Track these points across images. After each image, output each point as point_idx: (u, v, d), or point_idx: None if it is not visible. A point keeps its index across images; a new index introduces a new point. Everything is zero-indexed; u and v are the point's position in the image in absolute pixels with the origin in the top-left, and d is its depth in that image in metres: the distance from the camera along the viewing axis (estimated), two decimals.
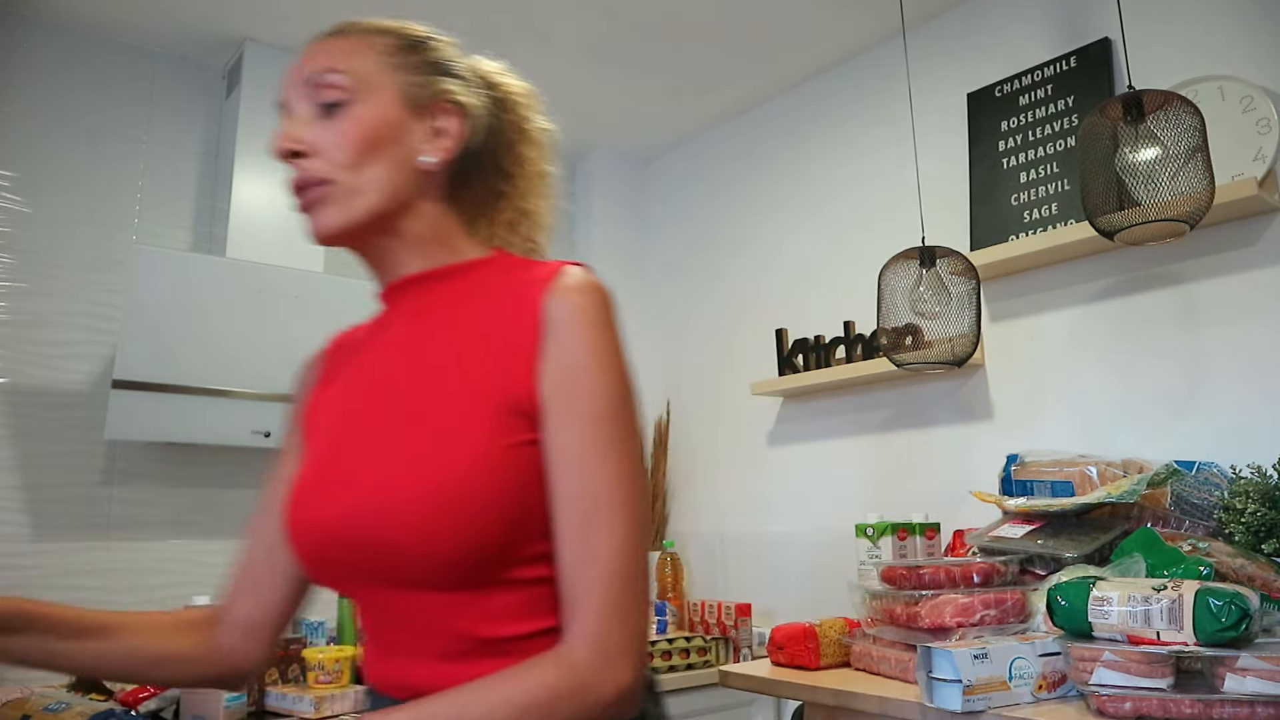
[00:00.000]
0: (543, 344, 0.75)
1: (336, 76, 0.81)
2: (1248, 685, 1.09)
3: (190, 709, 1.66)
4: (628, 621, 0.71)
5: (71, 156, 2.23)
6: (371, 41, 0.84)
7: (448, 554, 0.71)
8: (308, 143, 0.80)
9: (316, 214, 0.81)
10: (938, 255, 1.88)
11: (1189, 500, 1.59)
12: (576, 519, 0.72)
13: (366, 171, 0.80)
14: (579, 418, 0.74)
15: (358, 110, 0.80)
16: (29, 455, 2.09)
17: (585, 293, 0.77)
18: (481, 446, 0.73)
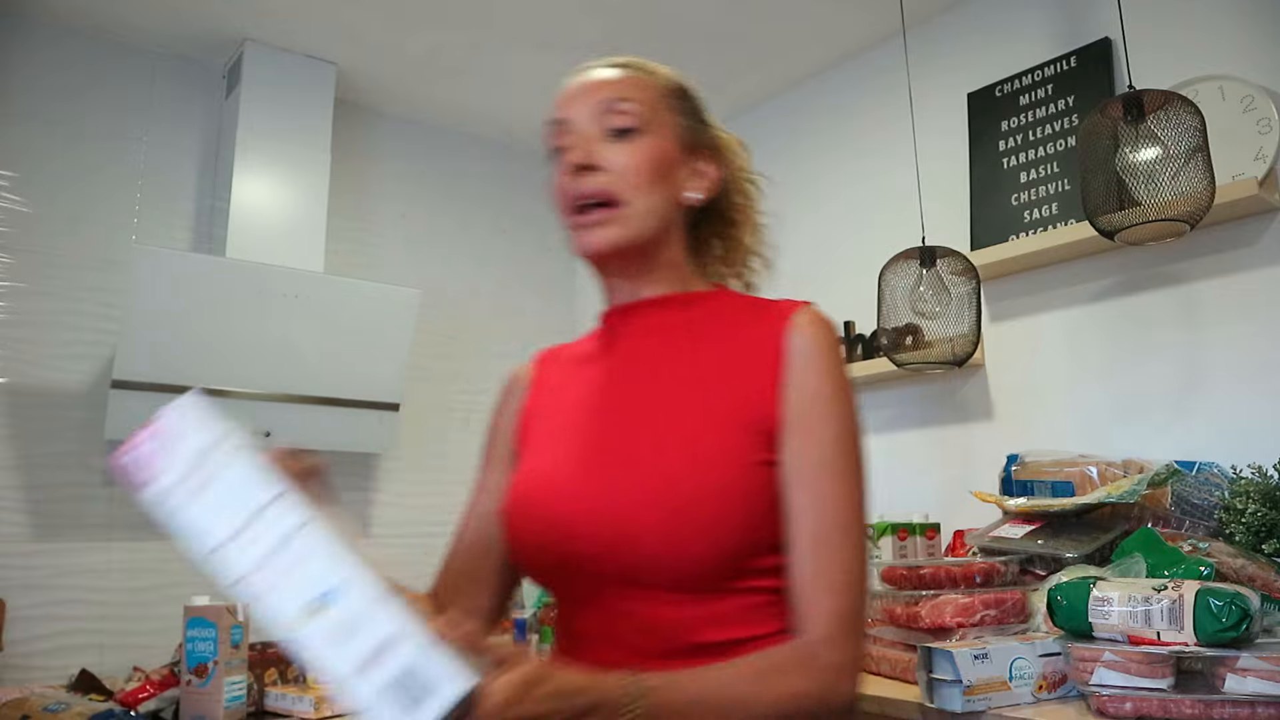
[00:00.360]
0: (785, 373, 0.83)
1: (630, 105, 0.88)
2: (1248, 685, 1.09)
3: (190, 709, 1.66)
4: (859, 635, 0.79)
5: (71, 156, 2.23)
6: (654, 81, 0.93)
7: (692, 560, 0.77)
8: (603, 159, 0.86)
9: (595, 230, 0.86)
10: (938, 255, 1.87)
11: (1189, 500, 1.59)
12: (815, 535, 0.79)
13: (649, 198, 0.87)
14: (819, 442, 0.81)
15: (648, 140, 0.88)
16: (29, 455, 2.09)
17: (823, 329, 0.85)
18: (733, 463, 0.80)
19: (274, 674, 1.81)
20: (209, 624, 1.65)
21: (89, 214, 2.24)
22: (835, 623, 0.77)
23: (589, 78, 0.91)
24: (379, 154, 2.74)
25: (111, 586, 2.14)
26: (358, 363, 2.26)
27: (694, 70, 1.07)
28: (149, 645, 2.13)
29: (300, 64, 2.40)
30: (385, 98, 2.69)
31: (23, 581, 2.03)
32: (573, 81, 0.92)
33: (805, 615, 0.78)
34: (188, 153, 2.40)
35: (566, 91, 0.92)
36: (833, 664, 0.76)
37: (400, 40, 2.37)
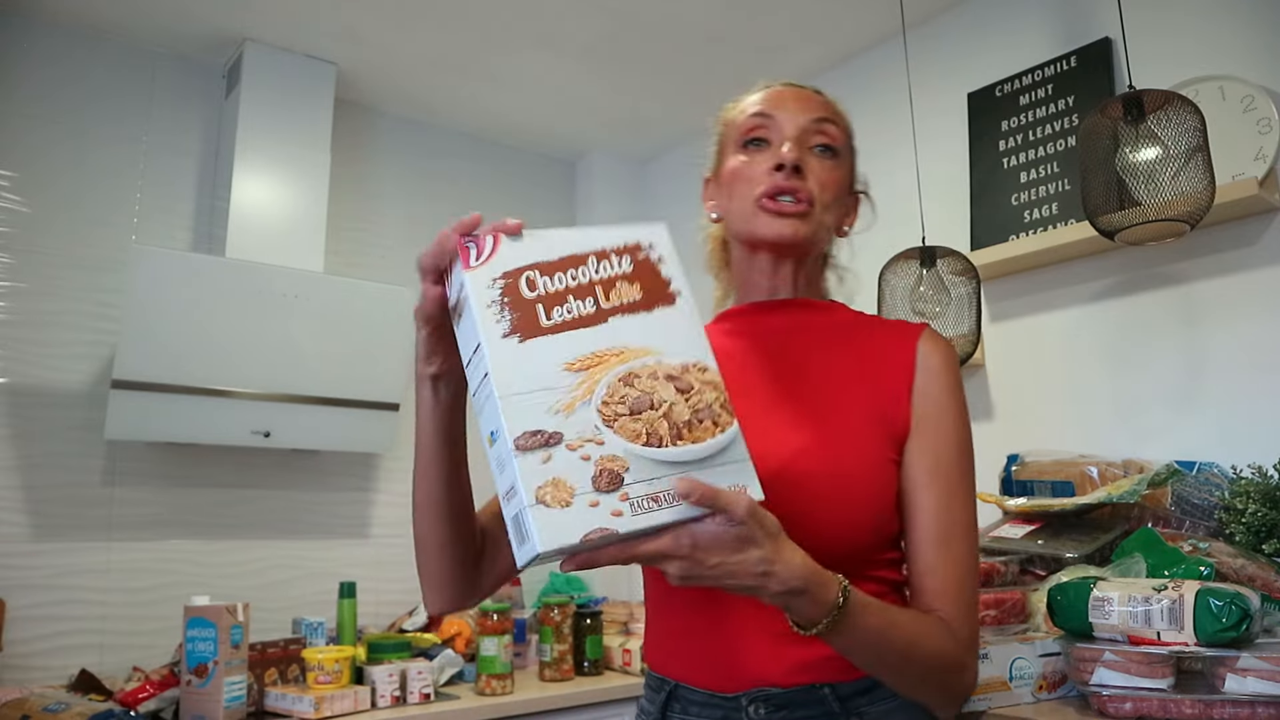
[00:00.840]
0: (914, 382, 0.92)
1: (836, 130, 0.98)
2: (1248, 685, 1.09)
3: (190, 709, 1.66)
4: (976, 620, 0.87)
5: (72, 156, 2.23)
6: (845, 119, 1.02)
7: (834, 545, 0.82)
8: (809, 168, 0.95)
9: (791, 220, 0.93)
10: (938, 255, 1.87)
11: (1189, 500, 1.59)
12: (940, 530, 0.86)
13: (826, 216, 0.96)
14: (944, 447, 0.89)
15: (841, 167, 0.98)
16: (29, 455, 2.09)
17: (948, 348, 0.95)
18: (871, 457, 0.88)
19: (274, 674, 1.81)
20: (209, 624, 1.65)
21: (89, 214, 2.24)
22: (964, 611, 0.85)
23: (801, 89, 1.00)
24: (379, 154, 2.74)
25: (111, 586, 2.14)
26: (358, 363, 2.26)
27: (694, 70, 1.09)
28: (149, 645, 2.14)
29: (300, 64, 2.40)
30: (385, 98, 2.69)
31: (23, 581, 2.03)
32: (781, 85, 1.00)
33: (933, 605, 0.84)
34: (188, 153, 2.40)
35: (777, 92, 0.99)
36: (965, 642, 0.84)
37: (400, 40, 2.37)
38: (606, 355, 0.71)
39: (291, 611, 2.33)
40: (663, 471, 0.68)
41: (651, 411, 0.69)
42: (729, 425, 0.71)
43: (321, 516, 2.48)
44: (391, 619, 2.47)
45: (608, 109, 2.79)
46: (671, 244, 0.77)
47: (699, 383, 0.72)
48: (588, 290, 0.72)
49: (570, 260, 0.73)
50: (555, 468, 0.66)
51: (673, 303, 0.74)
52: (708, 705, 0.89)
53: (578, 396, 0.68)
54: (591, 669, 2.13)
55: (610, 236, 0.75)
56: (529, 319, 0.70)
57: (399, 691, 1.84)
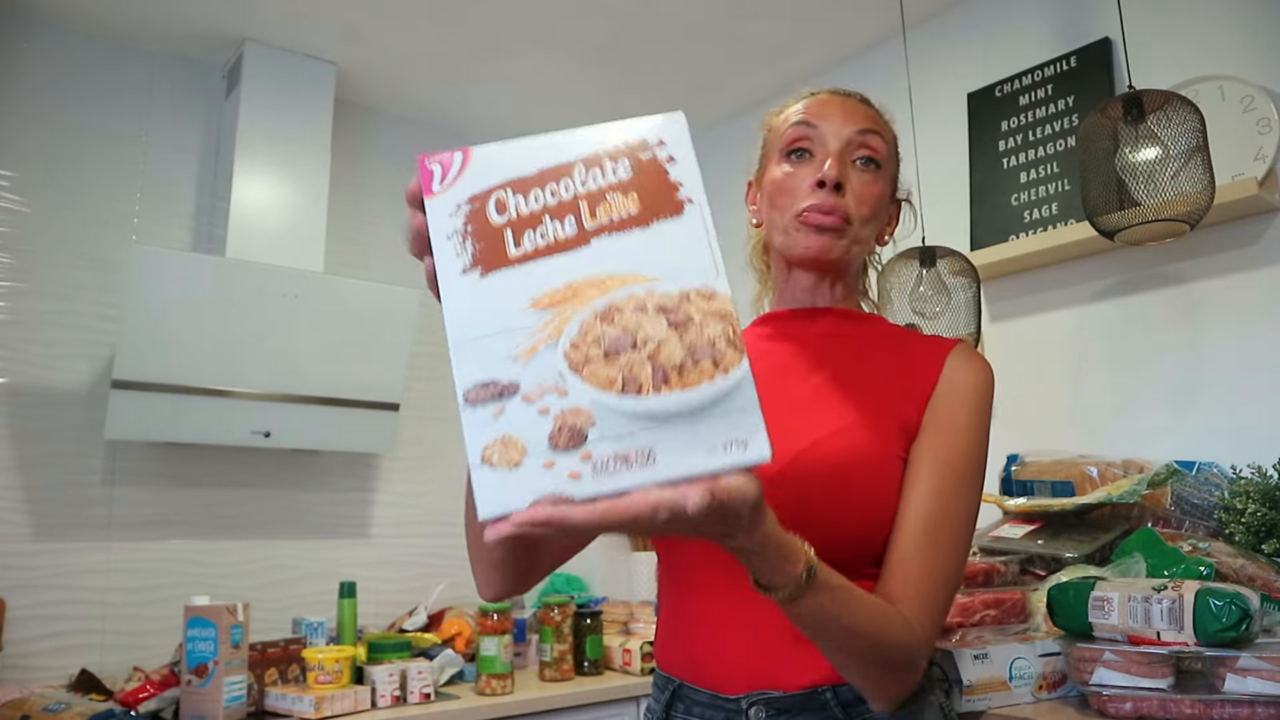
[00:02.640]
0: (937, 385, 0.92)
1: (879, 142, 0.96)
2: (1248, 685, 1.09)
3: (190, 709, 1.66)
4: (939, 625, 0.85)
5: (71, 156, 2.23)
6: (889, 128, 1.01)
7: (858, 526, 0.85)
8: (850, 183, 0.94)
9: (828, 237, 0.94)
10: (938, 255, 1.87)
11: (1189, 500, 1.59)
12: (927, 523, 0.85)
13: (865, 230, 0.96)
14: (950, 447, 0.89)
15: (882, 180, 0.97)
16: (29, 455, 2.09)
17: (980, 361, 0.95)
18: (885, 450, 0.88)
19: (274, 674, 1.81)
20: (209, 624, 1.66)
21: (89, 214, 2.24)
22: (930, 610, 0.82)
23: (847, 98, 0.99)
24: (379, 154, 2.74)
25: (111, 586, 2.14)
26: (358, 363, 2.26)
27: (694, 70, 1.09)
28: (149, 645, 2.14)
29: (300, 64, 2.40)
30: (385, 98, 2.69)
31: (23, 581, 2.03)
32: (828, 94, 0.99)
33: (902, 597, 0.82)
34: (188, 153, 2.40)
35: (823, 100, 0.98)
36: (922, 639, 0.82)
37: (400, 40, 2.37)
38: (583, 286, 0.59)
39: (291, 611, 2.33)
40: (638, 426, 0.56)
41: (633, 352, 0.57)
42: (734, 364, 0.57)
43: (321, 516, 2.48)
44: (391, 619, 2.47)
45: (608, 109, 2.79)
46: (687, 137, 0.63)
47: (701, 313, 0.58)
48: (569, 207, 0.60)
49: (552, 172, 0.61)
50: (507, 423, 0.57)
51: (679, 212, 0.61)
52: (710, 706, 0.89)
53: (541, 339, 0.58)
54: (591, 669, 2.13)
55: (608, 137, 0.62)
56: (493, 249, 0.60)
57: (399, 691, 1.84)
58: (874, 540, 0.86)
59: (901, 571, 0.83)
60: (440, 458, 2.69)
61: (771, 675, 0.86)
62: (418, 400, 2.64)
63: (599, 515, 0.55)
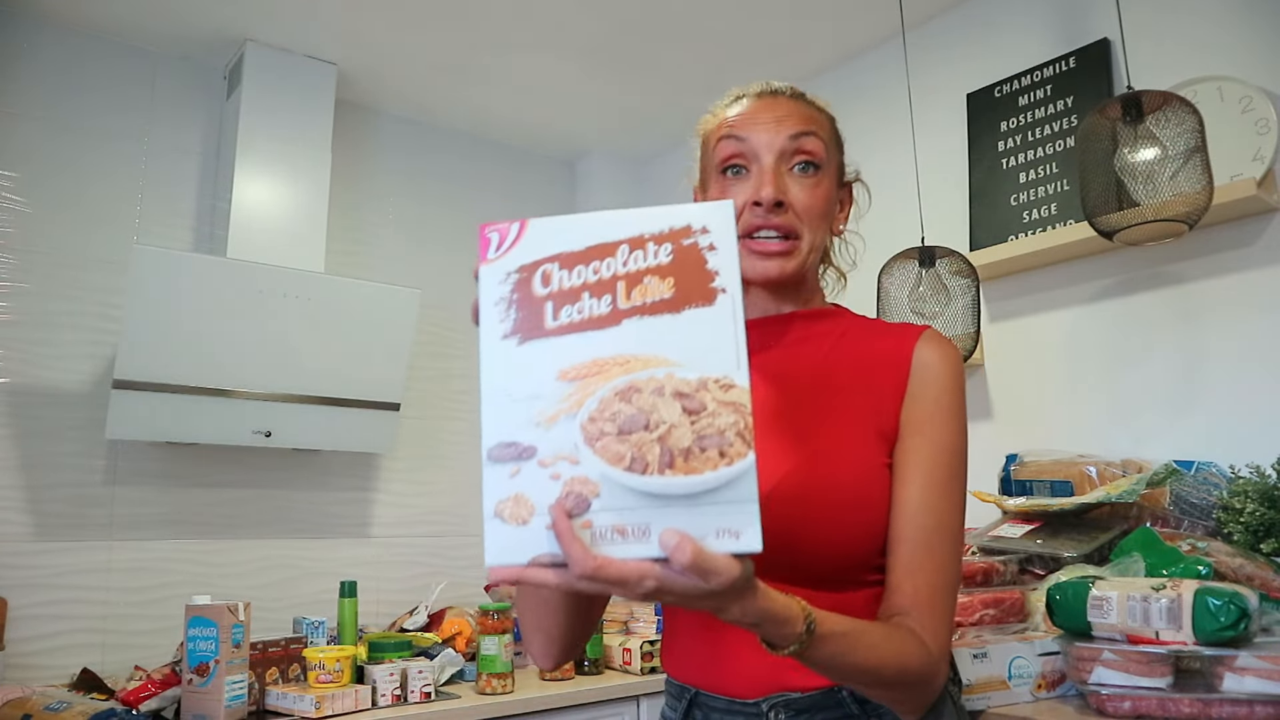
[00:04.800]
0: (908, 386, 0.90)
1: (814, 143, 0.93)
2: (1246, 684, 1.09)
3: (190, 709, 1.66)
4: (951, 629, 0.85)
5: (72, 156, 2.23)
6: (826, 117, 0.98)
7: (846, 544, 0.84)
8: (789, 196, 0.91)
9: (775, 260, 0.92)
10: (938, 255, 1.88)
11: (1188, 500, 1.59)
12: (922, 532, 0.85)
13: (817, 234, 0.94)
14: (934, 447, 0.87)
15: (824, 180, 0.94)
16: (30, 455, 2.09)
17: (947, 347, 0.92)
18: (867, 462, 0.87)
19: (275, 673, 1.82)
20: (210, 623, 1.66)
21: (90, 214, 2.24)
22: (939, 620, 0.83)
23: (775, 98, 0.95)
24: (379, 154, 2.74)
25: (113, 586, 2.14)
26: (358, 363, 2.26)
27: (694, 70, 1.08)
28: (150, 644, 2.14)
29: (301, 64, 2.40)
30: (385, 98, 2.69)
31: (24, 581, 2.03)
32: (753, 98, 0.95)
33: (908, 607, 0.83)
34: (189, 153, 2.40)
35: (750, 109, 0.94)
36: (937, 653, 0.82)
37: (400, 40, 2.37)
38: (607, 364, 0.63)
39: (292, 611, 2.33)
40: (639, 503, 0.60)
41: (645, 433, 0.61)
42: (741, 457, 0.60)
43: (322, 516, 2.48)
44: (392, 618, 2.47)
45: (607, 109, 2.79)
46: (733, 227, 0.65)
47: (715, 403, 0.61)
48: (607, 286, 0.64)
49: (597, 250, 0.64)
50: (521, 483, 0.61)
51: (711, 302, 0.63)
52: (728, 712, 0.89)
53: (563, 409, 0.62)
54: (591, 668, 2.13)
55: (655, 219, 0.65)
56: (534, 318, 0.63)
57: (400, 690, 1.85)
58: (868, 550, 0.87)
59: (909, 585, 0.84)
60: (440, 458, 2.69)
61: (787, 677, 0.86)
62: (418, 400, 2.64)
63: (589, 572, 0.58)
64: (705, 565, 0.59)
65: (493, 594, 2.43)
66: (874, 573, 0.87)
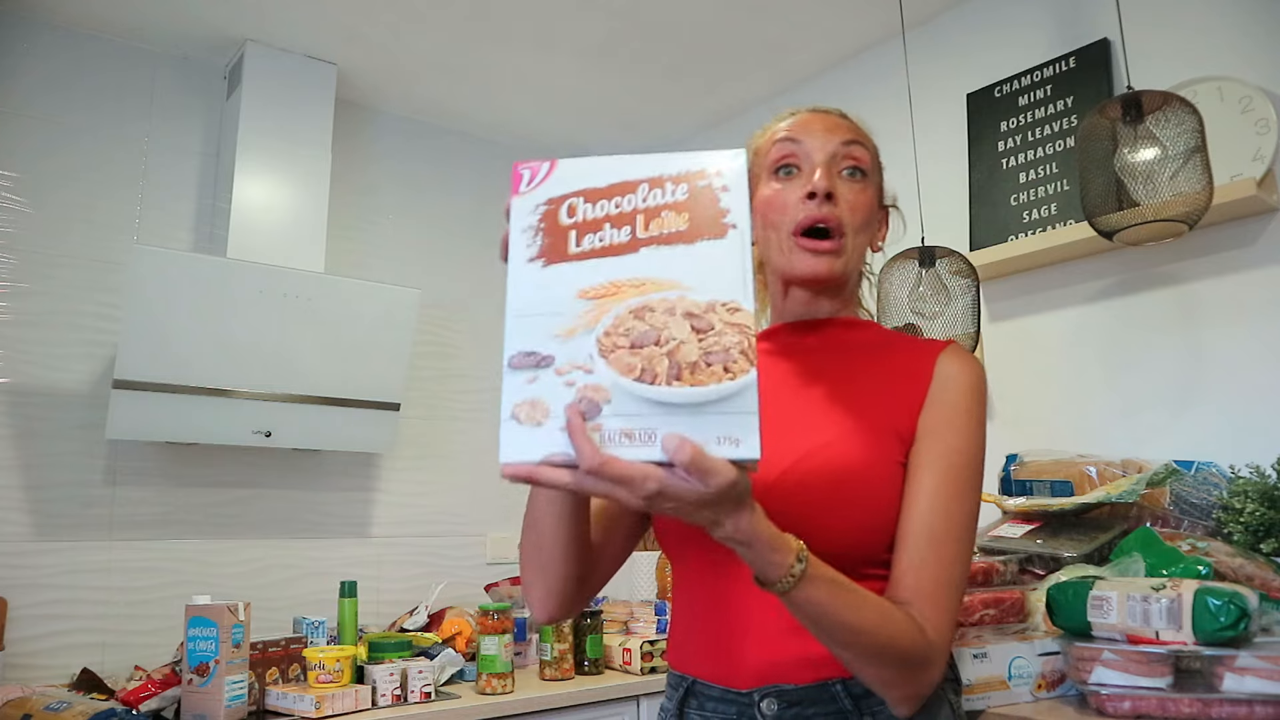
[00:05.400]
0: (930, 390, 0.93)
1: (862, 151, 1.00)
2: (1246, 684, 1.09)
3: (190, 708, 1.66)
4: (953, 627, 0.87)
5: (72, 156, 2.23)
6: (869, 139, 1.04)
7: (850, 531, 0.87)
8: (839, 192, 0.96)
9: (825, 258, 0.96)
10: (937, 255, 1.88)
11: (1188, 500, 1.59)
12: (930, 529, 0.87)
13: (860, 239, 0.99)
14: (950, 451, 0.90)
15: (870, 188, 1.00)
16: (29, 455, 2.09)
17: (970, 361, 0.96)
18: (881, 457, 0.90)
19: (275, 673, 1.82)
20: (210, 623, 1.66)
21: (90, 214, 2.24)
22: (941, 613, 0.84)
23: (827, 114, 1.01)
24: (379, 154, 2.74)
25: (113, 586, 2.14)
26: (358, 363, 2.26)
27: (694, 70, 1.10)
28: (150, 644, 2.14)
29: (300, 64, 2.40)
30: (385, 98, 2.69)
31: (24, 581, 2.03)
32: (808, 112, 1.02)
33: (910, 599, 0.84)
34: (189, 153, 2.40)
35: (804, 118, 1.01)
36: (935, 641, 0.83)
37: (400, 40, 2.37)
38: (624, 285, 0.68)
39: (292, 611, 2.33)
40: (647, 410, 0.65)
41: (655, 348, 0.66)
42: (744, 373, 0.65)
43: (322, 516, 2.48)
44: (392, 618, 2.47)
45: (608, 109, 2.79)
46: (744, 171, 0.71)
47: (722, 323, 0.66)
48: (628, 218, 0.70)
49: (620, 187, 0.70)
50: (537, 389, 0.66)
51: (722, 235, 0.69)
52: (722, 701, 0.91)
53: (581, 324, 0.67)
54: (592, 668, 2.13)
55: (673, 163, 0.71)
56: (558, 244, 0.69)
57: (400, 690, 1.85)
58: (870, 544, 0.88)
59: (911, 578, 0.85)
60: (440, 458, 2.69)
61: (782, 669, 0.88)
62: (418, 400, 2.64)
63: (596, 467, 0.62)
64: (703, 465, 0.63)
65: (493, 594, 2.43)
66: (878, 567, 0.88)
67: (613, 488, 0.64)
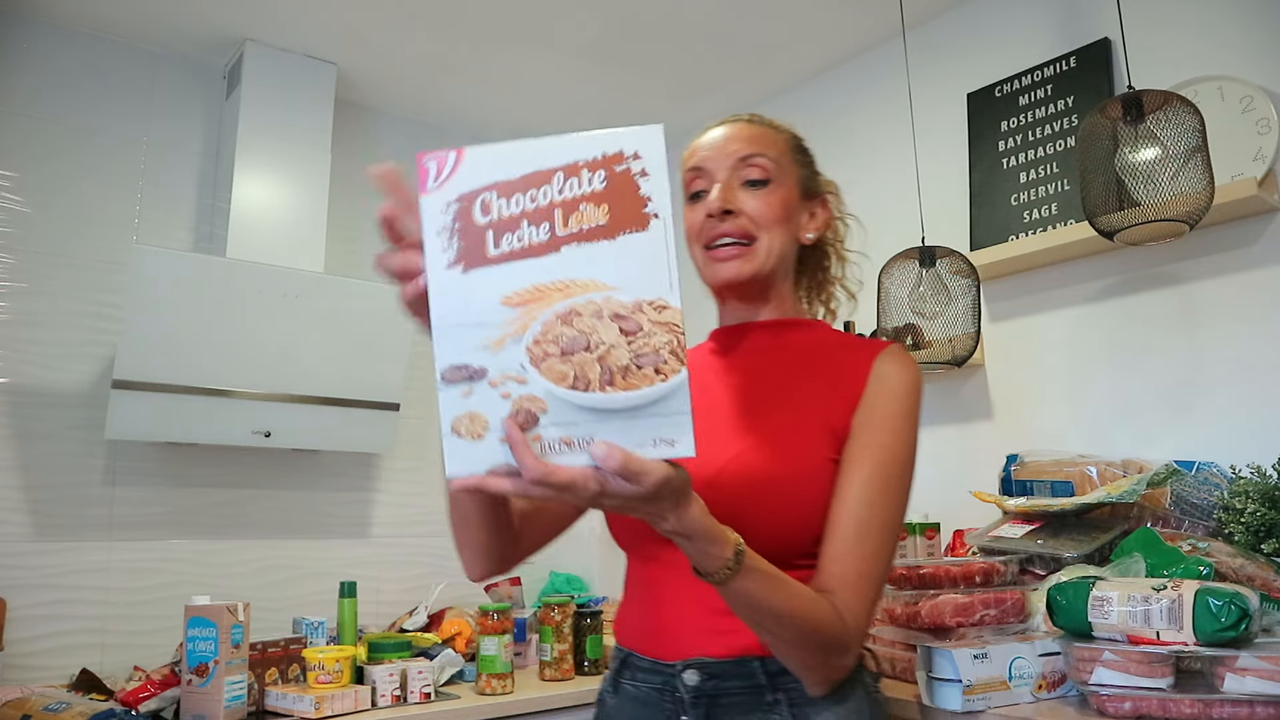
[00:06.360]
0: (866, 389, 0.98)
1: (763, 160, 1.03)
2: (1247, 685, 1.09)
3: (190, 709, 1.66)
4: (871, 616, 0.92)
5: (72, 156, 2.23)
6: (780, 136, 1.08)
7: (782, 527, 0.91)
8: (740, 205, 1.02)
9: (733, 263, 1.02)
10: (938, 255, 1.88)
11: (1189, 500, 1.59)
12: (856, 521, 0.91)
13: (775, 238, 1.03)
14: (881, 448, 0.94)
15: (776, 190, 1.04)
16: (29, 455, 2.09)
17: (907, 362, 1.00)
18: (815, 456, 0.95)
19: (274, 673, 1.82)
20: (209, 623, 1.66)
21: (89, 214, 2.24)
22: (860, 603, 0.90)
23: (725, 132, 1.06)
24: (379, 154, 2.74)
25: (112, 586, 2.14)
26: (358, 363, 2.26)
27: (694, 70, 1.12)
28: (150, 645, 2.14)
29: (300, 64, 2.40)
30: (385, 98, 2.69)
31: (23, 581, 2.03)
32: (709, 134, 1.07)
33: (833, 587, 0.89)
34: (188, 153, 2.40)
35: (704, 143, 1.06)
36: (853, 628, 0.89)
37: (400, 40, 2.37)
38: (548, 290, 0.66)
39: (292, 611, 2.33)
40: (583, 417, 0.65)
41: (585, 353, 0.65)
42: (674, 373, 0.65)
43: (321, 516, 2.48)
44: (392, 619, 2.47)
45: (607, 109, 2.79)
46: (663, 152, 0.67)
47: (650, 323, 0.65)
48: (545, 214, 0.66)
49: (534, 178, 0.67)
50: (474, 402, 0.66)
51: (644, 227, 0.66)
52: (651, 672, 0.99)
53: (509, 333, 0.66)
54: (591, 669, 2.13)
55: (588, 145, 0.67)
56: (476, 247, 0.66)
57: (399, 691, 1.85)
58: (799, 538, 0.93)
59: (836, 568, 0.90)
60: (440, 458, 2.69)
61: (705, 644, 0.95)
62: (418, 400, 2.64)
63: (539, 478, 0.65)
64: (633, 469, 0.65)
65: (493, 594, 2.43)
66: (807, 559, 0.93)
67: (558, 494, 0.66)
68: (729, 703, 0.94)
